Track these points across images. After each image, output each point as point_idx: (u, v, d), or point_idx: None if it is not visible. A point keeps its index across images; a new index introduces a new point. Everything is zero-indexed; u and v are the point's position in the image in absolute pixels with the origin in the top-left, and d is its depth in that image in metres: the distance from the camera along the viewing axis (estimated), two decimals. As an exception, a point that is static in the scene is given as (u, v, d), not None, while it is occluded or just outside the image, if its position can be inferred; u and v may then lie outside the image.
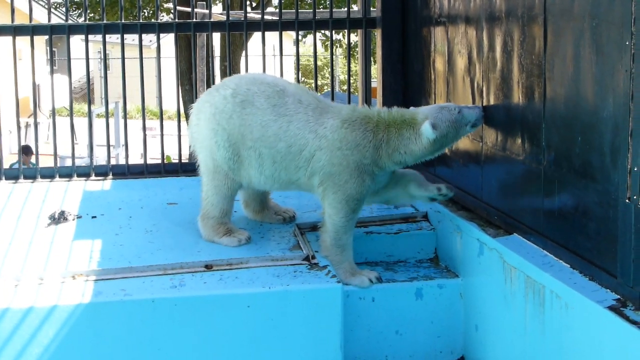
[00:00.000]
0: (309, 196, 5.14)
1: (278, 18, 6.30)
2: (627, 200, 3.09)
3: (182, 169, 6.10)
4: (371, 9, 6.43)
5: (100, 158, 13.66)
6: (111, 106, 17.95)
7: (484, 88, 4.39)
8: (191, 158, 4.83)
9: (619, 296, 3.21)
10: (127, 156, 6.23)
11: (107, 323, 3.91)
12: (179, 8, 11.11)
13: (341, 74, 35.92)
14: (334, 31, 6.68)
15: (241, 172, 4.45)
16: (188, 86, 16.40)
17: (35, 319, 3.85)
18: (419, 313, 4.39)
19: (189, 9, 6.54)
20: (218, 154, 4.44)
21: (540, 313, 3.60)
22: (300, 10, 6.48)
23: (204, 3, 13.80)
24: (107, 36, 6.18)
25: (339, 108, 4.37)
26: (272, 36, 6.59)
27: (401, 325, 4.38)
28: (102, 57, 6.35)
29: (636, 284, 3.09)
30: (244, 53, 6.47)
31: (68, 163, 6.39)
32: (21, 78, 6.24)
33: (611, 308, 3.14)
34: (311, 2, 6.56)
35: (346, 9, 6.38)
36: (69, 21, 6.28)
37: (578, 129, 3.47)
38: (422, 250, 4.84)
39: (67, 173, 6.09)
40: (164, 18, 20.35)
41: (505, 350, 3.98)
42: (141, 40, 6.26)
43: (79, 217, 5.04)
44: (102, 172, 6.12)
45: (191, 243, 4.55)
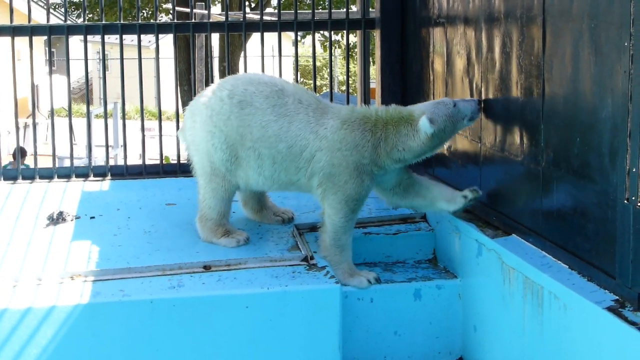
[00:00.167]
0: (308, 197, 5.13)
1: (277, 19, 6.30)
2: (626, 201, 3.09)
3: (181, 170, 6.10)
4: (370, 10, 6.43)
5: (98, 159, 13.68)
6: (110, 107, 17.92)
7: (483, 89, 4.39)
8: (189, 158, 4.82)
9: (618, 297, 3.21)
10: (126, 157, 6.23)
11: (106, 324, 3.91)
12: (178, 9, 11.10)
13: (340, 75, 35.92)
14: (333, 32, 6.68)
15: (239, 174, 4.43)
16: (187, 87, 16.42)
17: (33, 320, 3.85)
18: (418, 314, 4.39)
19: (188, 10, 6.55)
20: (215, 157, 4.42)
21: (538, 314, 3.60)
22: (299, 10, 6.48)
23: (203, 4, 13.81)
24: (106, 37, 6.18)
25: (339, 108, 4.36)
26: (271, 37, 6.59)
27: (400, 326, 4.38)
28: (101, 58, 6.34)
29: (634, 285, 3.09)
30: (243, 54, 6.47)
31: (67, 164, 6.38)
32: (20, 78, 6.23)
33: (609, 309, 3.14)
34: (310, 3, 6.55)
35: (345, 10, 6.38)
36: (68, 22, 6.29)
37: (577, 130, 3.47)
38: (421, 251, 4.84)
39: (66, 174, 6.08)
40: (163, 19, 20.35)
41: (503, 351, 3.98)
42: (140, 40, 6.25)
43: (78, 218, 5.04)
44: (101, 173, 6.12)
45: (190, 244, 4.55)
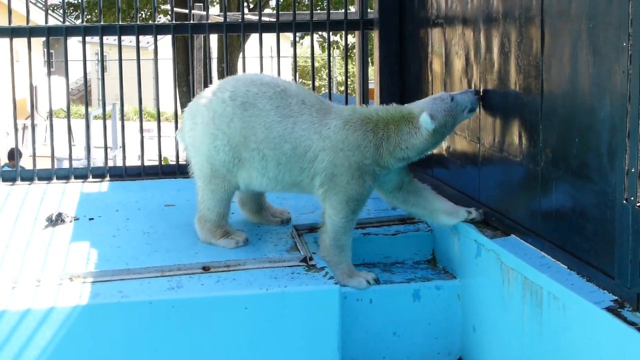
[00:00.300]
0: (306, 198, 5.13)
1: (275, 19, 6.30)
2: (625, 201, 3.09)
3: (180, 171, 6.09)
4: (368, 11, 6.43)
5: (97, 160, 13.66)
6: (108, 108, 17.90)
7: (481, 89, 4.39)
8: (186, 161, 4.82)
9: (617, 297, 3.21)
10: (125, 158, 6.22)
11: (105, 325, 3.90)
12: (176, 10, 11.10)
13: (339, 76, 35.92)
14: (332, 33, 6.68)
15: (241, 175, 4.42)
16: (185, 88, 16.41)
17: (32, 321, 3.84)
18: (417, 314, 4.39)
19: (187, 11, 6.53)
20: (217, 158, 4.41)
21: (537, 314, 3.60)
22: (297, 11, 6.47)
23: (201, 5, 13.80)
24: (105, 38, 6.17)
25: (341, 109, 4.37)
26: (270, 37, 6.59)
27: (399, 326, 4.37)
28: (100, 59, 6.34)
29: (633, 285, 3.09)
30: (242, 54, 6.47)
31: (65, 165, 6.38)
32: (18, 80, 6.23)
33: (608, 309, 3.14)
34: (308, 4, 6.54)
35: (343, 11, 6.38)
36: (66, 23, 6.28)
37: (575, 130, 3.47)
38: (420, 251, 4.84)
39: (65, 175, 6.08)
40: (162, 19, 20.35)
41: (502, 351, 3.97)
42: (138, 41, 6.25)
43: (77, 219, 5.04)
44: (100, 174, 6.11)
45: (188, 245, 4.54)
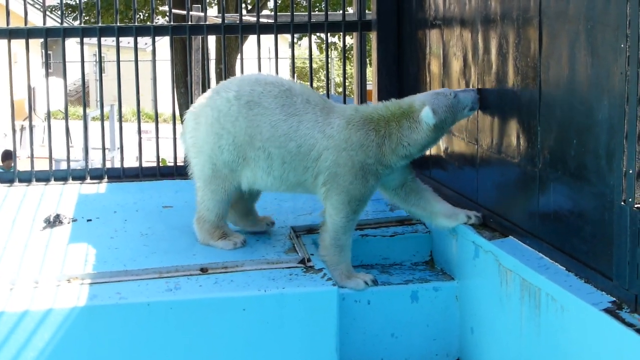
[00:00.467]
0: (305, 199, 5.13)
1: (273, 21, 6.30)
2: (623, 202, 3.09)
3: (178, 172, 6.09)
4: (366, 12, 6.43)
5: (95, 161, 13.64)
6: (106, 109, 17.81)
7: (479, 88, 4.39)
8: (186, 162, 4.80)
9: (615, 298, 3.21)
10: (123, 159, 6.22)
11: (103, 326, 3.90)
12: (174, 11, 11.09)
13: (337, 77, 35.92)
14: (330, 34, 6.67)
15: (245, 174, 4.39)
16: (183, 89, 16.38)
17: (30, 323, 3.84)
18: (415, 316, 4.39)
19: (184, 12, 6.54)
20: (220, 158, 4.40)
21: (535, 315, 3.60)
22: (295, 12, 6.47)
23: (200, 6, 13.81)
24: (103, 39, 6.17)
25: (344, 108, 4.38)
26: (268, 39, 6.59)
27: (397, 328, 4.37)
28: (98, 60, 6.34)
29: (632, 286, 3.09)
30: (240, 56, 6.47)
31: (63, 166, 6.38)
32: (16, 81, 6.23)
33: (607, 310, 3.13)
34: (306, 5, 6.55)
35: (341, 12, 6.38)
36: (64, 24, 6.28)
37: (573, 132, 3.47)
38: (418, 253, 4.84)
39: (62, 176, 6.07)
40: (159, 21, 20.33)
41: (500, 352, 3.97)
42: (136, 43, 6.25)
43: (74, 221, 5.03)
44: (98, 175, 6.11)
45: (186, 246, 4.54)
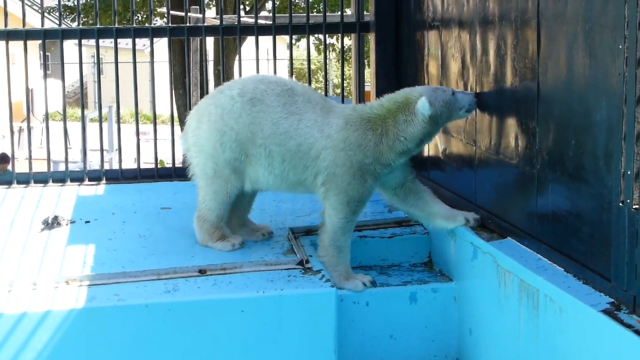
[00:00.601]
0: (303, 200, 5.13)
1: (271, 22, 6.30)
2: (621, 203, 3.09)
3: (176, 174, 6.09)
4: (365, 13, 6.44)
5: (93, 163, 13.65)
6: (104, 111, 17.85)
7: (478, 92, 4.39)
8: (185, 162, 4.80)
9: (613, 299, 3.21)
10: (121, 161, 6.22)
11: (101, 328, 3.89)
12: (173, 12, 11.10)
13: (335, 78, 35.93)
14: (328, 35, 6.68)
15: (248, 172, 4.40)
16: (182, 90, 16.39)
17: (28, 325, 3.83)
18: (413, 317, 4.39)
19: (183, 14, 6.54)
20: (222, 156, 4.40)
21: (534, 317, 3.60)
22: (293, 14, 6.48)
23: (198, 7, 13.80)
24: (101, 41, 6.17)
25: (343, 108, 4.40)
26: (266, 40, 6.59)
27: (395, 329, 4.37)
28: (96, 62, 6.35)
29: (630, 287, 3.09)
30: (238, 57, 6.47)
31: (61, 168, 6.38)
32: (14, 82, 6.23)
33: (605, 311, 3.13)
34: (305, 6, 6.55)
35: (340, 13, 6.38)
36: (62, 25, 6.28)
37: (571, 133, 3.48)
38: (416, 254, 4.84)
39: (61, 178, 6.07)
40: (158, 22, 20.33)
41: (499, 353, 3.97)
42: (135, 44, 6.25)
43: (73, 222, 5.03)
44: (96, 177, 6.11)
45: (185, 248, 4.54)
